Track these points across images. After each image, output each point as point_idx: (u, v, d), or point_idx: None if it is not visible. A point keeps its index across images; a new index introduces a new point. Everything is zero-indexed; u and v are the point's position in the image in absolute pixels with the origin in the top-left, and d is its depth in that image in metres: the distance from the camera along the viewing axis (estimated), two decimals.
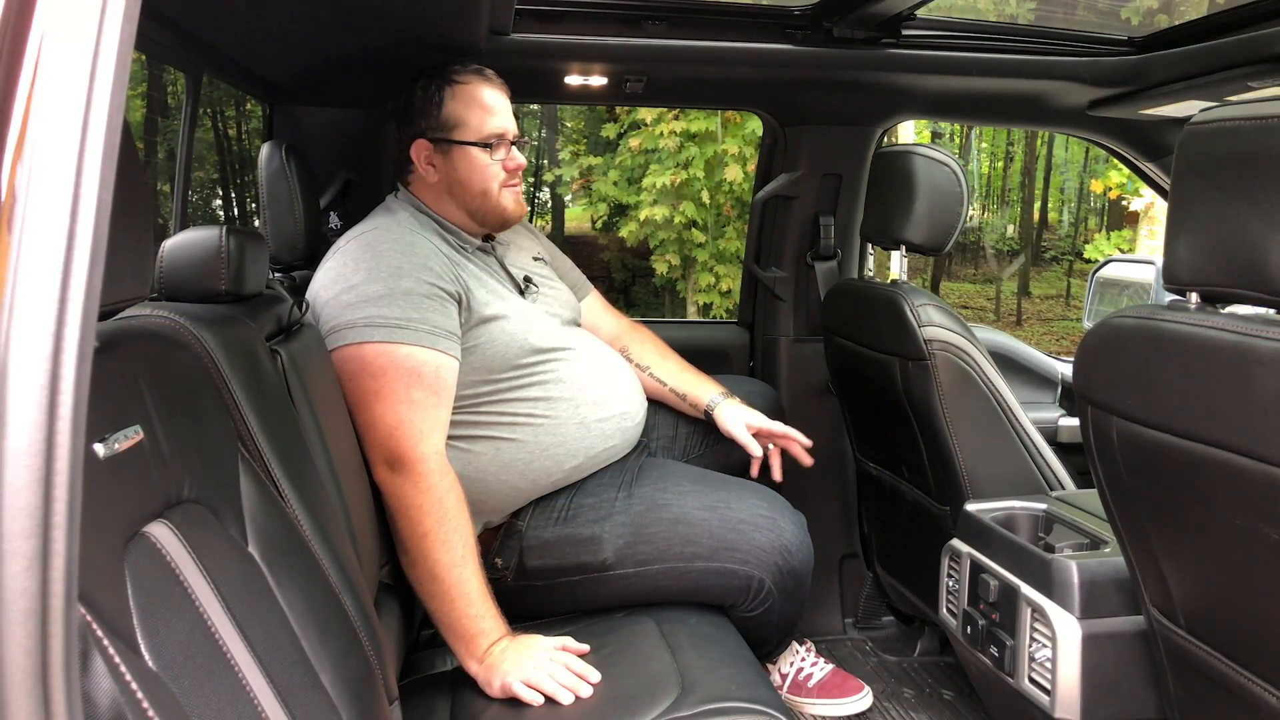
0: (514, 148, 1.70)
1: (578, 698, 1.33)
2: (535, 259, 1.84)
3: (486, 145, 1.66)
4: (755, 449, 1.82)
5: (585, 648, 1.43)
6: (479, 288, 1.61)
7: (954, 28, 2.06)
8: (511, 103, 1.73)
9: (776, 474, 1.84)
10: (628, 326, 2.02)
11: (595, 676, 1.36)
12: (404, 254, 1.55)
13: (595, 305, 2.01)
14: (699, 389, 1.90)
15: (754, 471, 1.83)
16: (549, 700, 1.33)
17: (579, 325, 1.85)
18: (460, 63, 1.68)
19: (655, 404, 1.92)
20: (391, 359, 1.48)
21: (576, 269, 2.02)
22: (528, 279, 1.76)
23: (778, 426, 1.85)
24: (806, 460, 1.85)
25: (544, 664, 1.36)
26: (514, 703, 1.35)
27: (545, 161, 11.15)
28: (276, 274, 1.71)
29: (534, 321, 1.66)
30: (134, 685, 0.63)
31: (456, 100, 1.65)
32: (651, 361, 1.96)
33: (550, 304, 1.76)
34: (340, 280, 1.53)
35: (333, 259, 1.59)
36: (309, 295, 1.58)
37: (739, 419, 1.84)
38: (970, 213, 5.92)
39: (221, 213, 9.48)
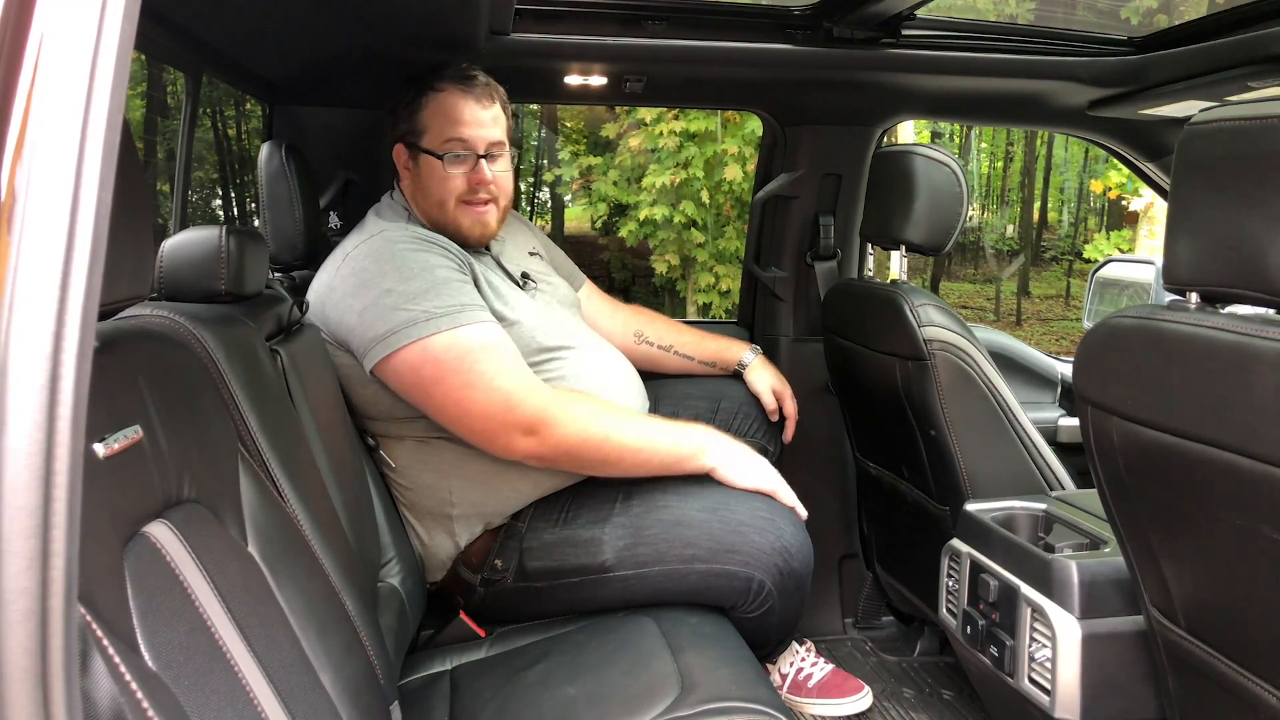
0: (483, 161, 1.65)
1: (578, 696, 1.33)
2: (531, 254, 1.85)
3: (440, 155, 1.64)
4: (772, 406, 1.98)
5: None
6: (485, 287, 1.61)
7: (954, 28, 2.06)
8: (511, 103, 1.73)
9: (787, 436, 2.01)
10: (631, 311, 2.07)
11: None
12: (424, 249, 1.55)
13: (592, 296, 2.02)
14: (726, 352, 2.03)
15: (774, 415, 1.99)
16: (549, 698, 1.33)
17: (579, 315, 1.85)
18: (456, 67, 1.67)
19: (655, 404, 1.92)
20: (468, 343, 1.48)
21: (570, 261, 2.03)
22: (525, 275, 1.76)
23: (790, 406, 1.99)
24: (785, 437, 2.03)
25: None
26: (514, 702, 1.35)
27: (545, 161, 11.15)
28: (276, 274, 1.71)
29: (539, 320, 1.66)
30: (134, 685, 0.63)
31: (429, 107, 1.65)
32: (672, 340, 2.03)
33: (549, 299, 1.77)
34: (371, 286, 1.51)
35: (346, 267, 1.56)
36: (315, 305, 1.56)
37: (766, 381, 1.99)
38: (970, 213, 5.93)
39: (221, 213, 9.48)
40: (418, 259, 1.53)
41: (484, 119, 1.67)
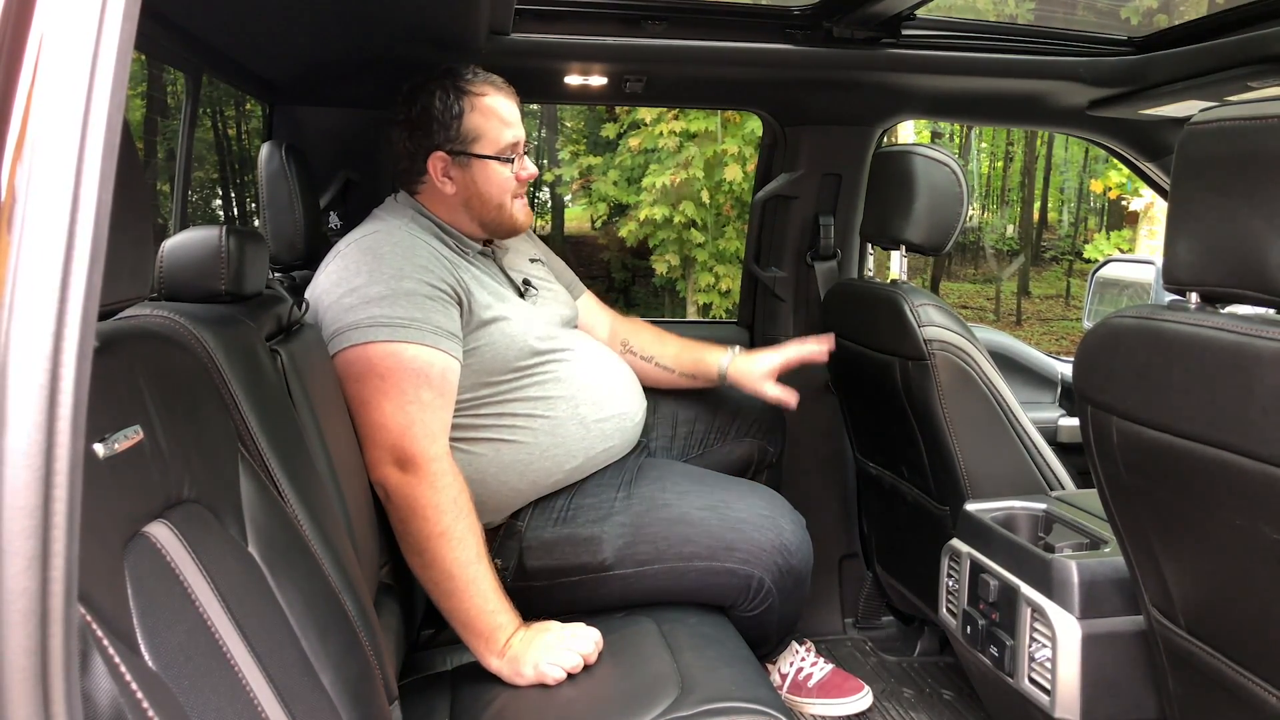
0: (525, 156, 1.70)
1: (578, 696, 1.33)
2: (532, 261, 1.85)
3: (508, 160, 1.66)
4: (790, 400, 1.90)
5: (596, 632, 1.44)
6: (479, 289, 1.61)
7: (954, 28, 2.06)
8: None
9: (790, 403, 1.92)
10: (621, 320, 2.04)
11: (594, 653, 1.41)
12: (405, 256, 1.54)
13: (590, 304, 2.01)
14: (704, 363, 1.96)
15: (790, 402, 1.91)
16: (549, 699, 1.33)
17: (576, 326, 1.85)
18: (467, 68, 1.67)
19: (654, 404, 1.92)
20: (399, 359, 1.47)
21: (570, 270, 2.03)
22: (526, 281, 1.76)
23: (790, 353, 1.93)
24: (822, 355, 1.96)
25: (568, 643, 1.39)
26: (514, 702, 1.35)
27: (545, 161, 11.16)
28: (276, 274, 1.71)
29: (534, 323, 1.66)
30: (134, 685, 0.63)
31: (476, 112, 1.64)
32: (654, 351, 1.98)
33: (549, 305, 1.77)
34: (342, 284, 1.53)
35: (333, 263, 1.58)
36: (309, 299, 1.57)
37: (752, 374, 1.91)
38: (970, 213, 5.93)
39: (221, 213, 9.48)
40: (392, 264, 1.53)
41: (519, 117, 1.70)
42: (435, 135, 1.64)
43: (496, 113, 1.65)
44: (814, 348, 1.95)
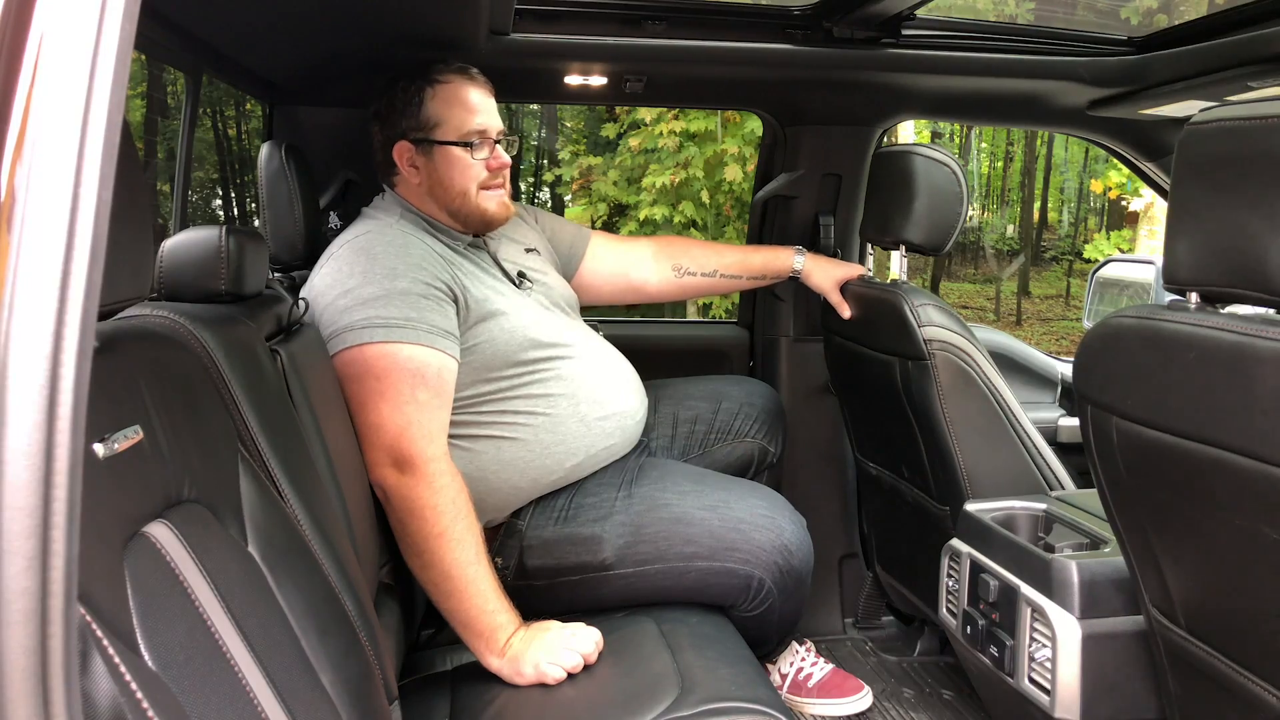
0: (499, 146, 1.69)
1: (578, 696, 1.33)
2: (527, 250, 1.84)
3: (467, 144, 1.65)
4: (846, 311, 2.01)
5: (596, 632, 1.43)
6: (475, 285, 1.61)
7: (954, 28, 2.06)
8: (511, 103, 1.74)
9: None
10: (660, 245, 2.07)
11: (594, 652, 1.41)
12: (398, 255, 1.54)
13: (603, 244, 2.02)
14: (775, 262, 2.06)
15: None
16: (549, 698, 1.33)
17: (578, 315, 1.84)
18: (444, 62, 1.67)
19: (655, 403, 1.92)
20: (394, 360, 1.47)
21: (570, 224, 2.03)
22: (521, 273, 1.76)
23: (854, 270, 2.05)
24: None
25: (568, 643, 1.39)
26: (514, 702, 1.35)
27: (545, 161, 11.15)
28: (276, 274, 1.71)
29: (532, 316, 1.66)
30: (134, 685, 0.63)
31: (437, 99, 1.64)
32: (715, 263, 2.04)
33: (546, 297, 1.76)
34: (336, 285, 1.53)
35: (326, 265, 1.58)
36: (307, 300, 1.57)
37: (835, 276, 2.03)
38: (970, 213, 5.92)
39: (221, 213, 9.49)
40: (386, 264, 1.53)
41: (491, 106, 1.69)
42: (399, 124, 1.65)
43: (459, 98, 1.65)
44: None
